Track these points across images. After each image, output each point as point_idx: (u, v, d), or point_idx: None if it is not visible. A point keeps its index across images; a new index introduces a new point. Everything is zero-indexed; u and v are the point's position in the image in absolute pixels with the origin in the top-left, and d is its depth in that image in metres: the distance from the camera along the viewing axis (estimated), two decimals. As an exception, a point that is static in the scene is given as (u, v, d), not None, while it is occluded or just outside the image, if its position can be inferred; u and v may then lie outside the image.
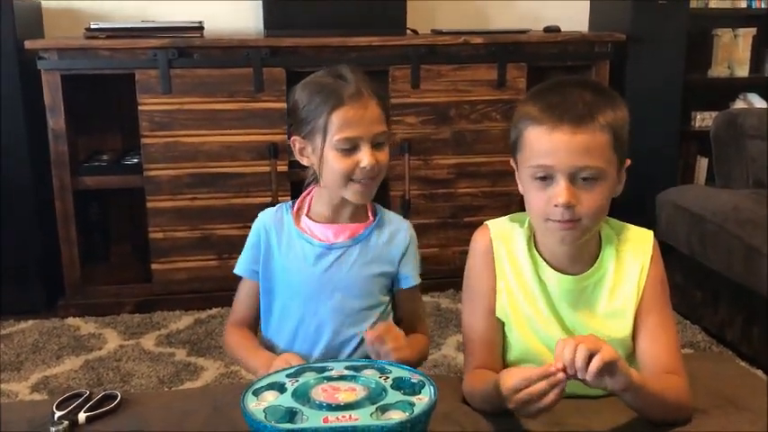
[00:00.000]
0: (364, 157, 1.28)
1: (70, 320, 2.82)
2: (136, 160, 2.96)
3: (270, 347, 1.40)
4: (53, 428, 1.08)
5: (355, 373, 1.01)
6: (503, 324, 1.24)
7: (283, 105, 2.85)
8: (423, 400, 0.93)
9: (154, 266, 2.94)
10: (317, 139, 1.30)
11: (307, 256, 1.36)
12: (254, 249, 1.40)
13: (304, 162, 1.35)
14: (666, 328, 1.20)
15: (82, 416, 1.11)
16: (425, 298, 3.00)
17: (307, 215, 1.39)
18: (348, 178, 1.30)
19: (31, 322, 2.80)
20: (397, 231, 1.39)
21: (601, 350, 0.98)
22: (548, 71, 3.20)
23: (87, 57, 2.79)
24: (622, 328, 1.21)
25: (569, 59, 3.09)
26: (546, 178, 1.12)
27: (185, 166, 2.88)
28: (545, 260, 1.22)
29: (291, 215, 1.39)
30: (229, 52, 2.85)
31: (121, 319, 2.83)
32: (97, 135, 3.18)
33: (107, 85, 3.06)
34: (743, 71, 3.58)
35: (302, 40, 2.88)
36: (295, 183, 2.96)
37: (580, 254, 1.21)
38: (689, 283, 2.63)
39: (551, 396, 0.99)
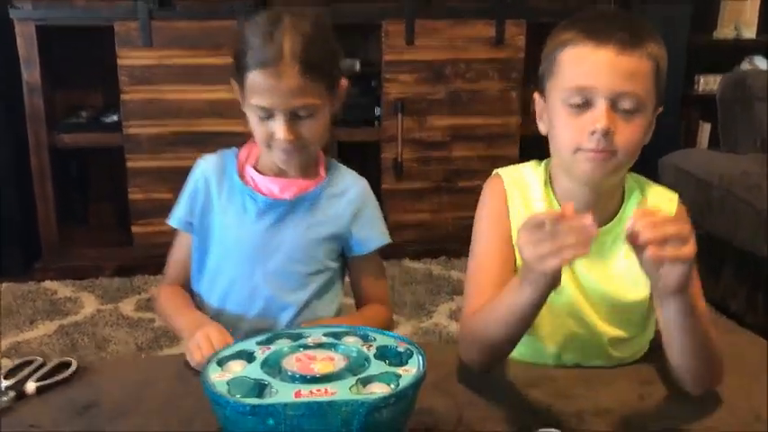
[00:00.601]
0: (278, 129, 1.13)
1: (47, 284, 2.71)
2: (115, 117, 2.82)
3: (200, 306, 1.27)
4: (-2, 399, 0.97)
5: (335, 341, 0.89)
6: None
7: (270, 61, 2.71)
8: (409, 371, 0.82)
9: (134, 229, 2.82)
10: (242, 92, 1.16)
11: (248, 212, 1.22)
12: (190, 199, 1.25)
13: (243, 108, 1.20)
14: (693, 291, 1.08)
15: (31, 385, 1.00)
16: (417, 264, 2.90)
17: (253, 166, 1.24)
18: (267, 146, 1.17)
19: (5, 285, 2.69)
20: (348, 190, 1.25)
21: (690, 241, 0.86)
22: (548, 29, 3.04)
23: (63, 6, 2.64)
24: (639, 291, 1.10)
25: (571, 16, 2.94)
26: (582, 104, 1.00)
27: (167, 124, 2.75)
28: None
29: (235, 164, 1.24)
30: (213, 3, 2.70)
31: (100, 283, 2.72)
32: (77, 91, 3.03)
33: (86, 38, 2.90)
34: (750, 33, 3.44)
35: (290, -9, 2.73)
36: (282, 143, 2.83)
37: (602, 203, 1.09)
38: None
39: (576, 247, 0.85)
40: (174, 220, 1.27)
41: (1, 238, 2.79)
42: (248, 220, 1.22)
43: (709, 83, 3.41)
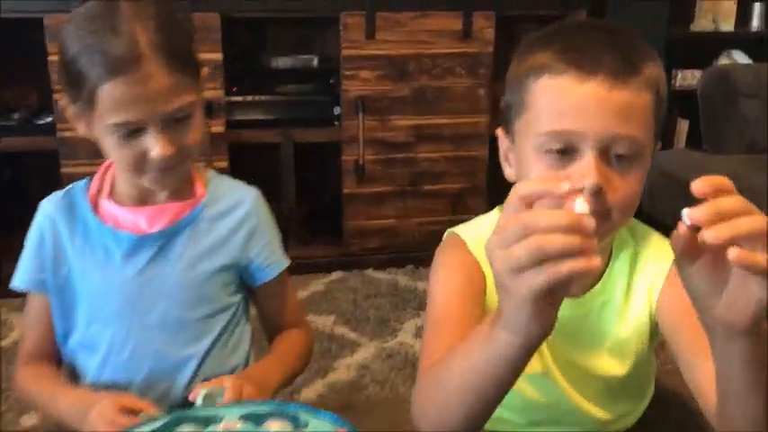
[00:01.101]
0: (153, 146, 0.90)
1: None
2: (49, 119, 2.58)
3: (75, 380, 1.03)
4: None
5: (255, 428, 0.69)
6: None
7: (218, 56, 2.49)
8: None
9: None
10: (88, 112, 0.91)
11: (111, 255, 0.99)
12: (37, 252, 1.01)
13: (81, 133, 0.96)
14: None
15: None
16: (381, 275, 2.70)
17: (109, 198, 1.01)
18: (139, 170, 0.93)
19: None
20: (236, 207, 1.04)
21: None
22: (518, 21, 2.86)
23: (-13, -3, 2.39)
24: (624, 363, 0.90)
25: (542, 8, 2.75)
26: (565, 152, 0.77)
27: (106, 127, 2.50)
28: None
29: (87, 199, 1.01)
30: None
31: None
32: (11, 90, 2.78)
33: (19, 32, 2.65)
34: (728, 25, 3.29)
35: (239, -20, 2.51)
36: (235, 146, 2.62)
37: None
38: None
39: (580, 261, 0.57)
40: (21, 281, 1.02)
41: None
42: (113, 265, 0.99)
43: (687, 78, 3.26)
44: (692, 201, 0.66)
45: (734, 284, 0.60)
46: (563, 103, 0.77)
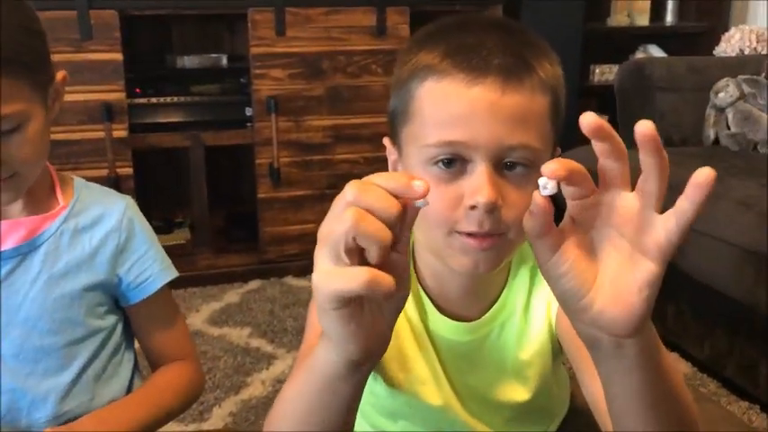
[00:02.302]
0: None
1: None
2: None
3: None
4: None
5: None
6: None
7: (118, 56, 2.34)
8: None
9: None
10: None
11: None
12: None
13: None
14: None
15: None
16: (302, 282, 2.60)
17: None
18: None
19: None
20: (102, 218, 0.94)
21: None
22: (433, 17, 2.79)
23: None
24: (527, 387, 0.83)
25: (458, 3, 2.69)
26: (453, 162, 0.69)
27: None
28: (431, 299, 0.81)
29: None
30: None
31: None
32: None
33: None
34: (643, 20, 3.31)
35: (139, -24, 2.36)
36: (139, 151, 2.47)
37: (486, 288, 0.81)
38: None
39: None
40: None
41: None
42: None
43: (604, 72, 3.27)
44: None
45: (612, 269, 0.52)
46: (450, 109, 0.69)
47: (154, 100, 2.48)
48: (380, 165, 2.56)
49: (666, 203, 0.52)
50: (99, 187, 0.98)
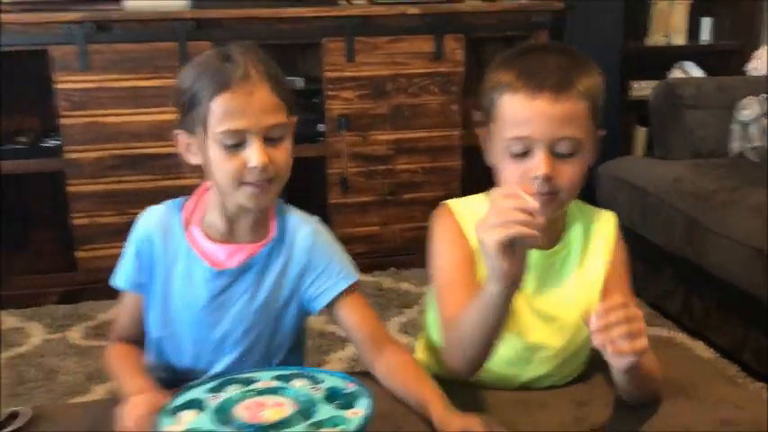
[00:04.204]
0: (252, 154, 1.06)
1: (-10, 314, 2.66)
2: (55, 142, 2.78)
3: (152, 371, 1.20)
4: (-53, 456, 0.96)
5: (284, 384, 0.92)
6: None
7: (212, 81, 2.70)
8: (357, 413, 0.85)
9: (78, 254, 2.78)
10: (199, 131, 1.09)
11: (192, 277, 1.16)
12: (137, 259, 1.18)
13: (192, 161, 1.13)
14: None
15: (-18, 440, 1.00)
16: (367, 278, 2.92)
17: (198, 226, 1.18)
18: (238, 181, 1.08)
19: (-54, 318, 2.63)
20: (294, 247, 1.17)
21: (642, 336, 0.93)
22: (486, 42, 3.12)
23: (-3, 32, 2.59)
24: (589, 307, 1.16)
25: (507, 30, 3.01)
26: (523, 153, 1.05)
27: (108, 148, 2.71)
28: None
29: (181, 221, 1.17)
30: (152, 25, 2.68)
31: (45, 311, 2.67)
32: (13, 116, 2.97)
33: (22, 63, 2.85)
34: (679, 39, 3.56)
35: (230, 11, 2.73)
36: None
37: (548, 230, 1.14)
38: (630, 255, 2.61)
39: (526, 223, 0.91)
40: (122, 281, 1.20)
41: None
42: (193, 286, 1.17)
43: (643, 88, 3.51)
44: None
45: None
46: (519, 114, 1.05)
47: (240, 118, 2.83)
48: (436, 174, 2.92)
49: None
50: (294, 211, 1.20)
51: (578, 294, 1.16)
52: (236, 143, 1.07)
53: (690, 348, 2.13)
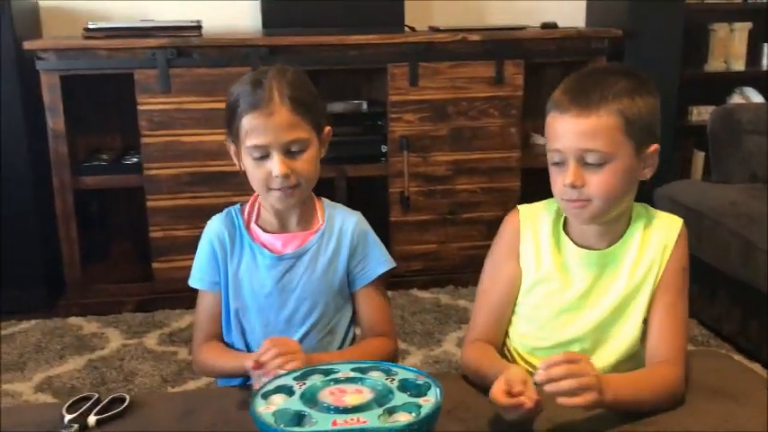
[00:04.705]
0: (274, 165, 1.24)
1: (72, 320, 2.84)
2: (135, 159, 2.97)
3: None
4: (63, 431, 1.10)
5: (362, 375, 1.02)
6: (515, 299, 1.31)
7: (282, 104, 2.85)
8: (429, 401, 0.95)
9: (155, 265, 2.95)
10: (237, 143, 1.29)
11: (258, 266, 1.34)
12: (211, 261, 1.36)
13: (238, 166, 1.33)
14: (675, 316, 1.23)
15: (92, 419, 1.13)
16: (425, 294, 3.02)
17: (256, 223, 1.37)
18: (266, 186, 1.28)
19: (33, 322, 2.82)
20: (343, 232, 1.36)
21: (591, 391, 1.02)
22: (545, 67, 3.21)
23: (86, 57, 2.79)
24: (638, 307, 1.24)
25: (566, 55, 3.10)
26: (560, 163, 1.18)
27: (185, 165, 2.89)
28: (571, 239, 1.27)
29: (242, 221, 1.36)
30: (228, 51, 2.85)
31: (123, 318, 2.85)
32: (96, 134, 3.19)
33: (106, 85, 3.06)
34: (739, 65, 3.59)
35: (301, 38, 2.89)
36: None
37: (608, 231, 1.25)
38: (687, 277, 2.65)
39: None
40: (198, 281, 1.37)
41: (28, 276, 2.93)
42: (259, 275, 1.34)
43: (702, 113, 3.55)
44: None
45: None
46: (553, 130, 1.18)
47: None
48: (494, 194, 3.03)
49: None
50: (339, 206, 1.39)
51: (629, 295, 1.24)
52: (262, 155, 1.26)
53: (741, 362, 2.16)
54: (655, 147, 1.20)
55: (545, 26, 3.20)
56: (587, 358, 1.08)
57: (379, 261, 1.38)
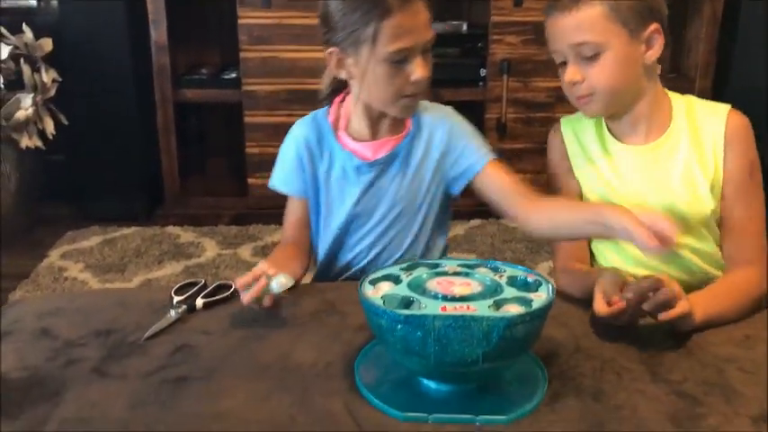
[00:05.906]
0: (416, 68, 1.17)
1: (170, 229, 2.93)
2: (234, 75, 2.99)
3: (324, 260, 1.38)
4: (172, 311, 1.12)
5: (469, 270, 1.00)
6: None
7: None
8: (540, 296, 0.92)
9: (250, 181, 2.99)
10: (362, 51, 1.17)
11: (347, 173, 1.30)
12: (298, 165, 1.31)
13: (342, 76, 1.24)
14: (751, 213, 1.21)
15: (200, 301, 1.16)
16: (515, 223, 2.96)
17: (345, 131, 1.30)
18: (399, 94, 1.20)
19: (133, 229, 2.92)
20: (434, 132, 1.29)
21: (680, 301, 1.01)
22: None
23: (190, -31, 2.80)
24: (698, 202, 1.20)
25: None
26: (563, 63, 1.19)
27: (283, 82, 2.89)
28: (615, 137, 1.26)
29: (330, 126, 1.31)
30: (329, -34, 2.80)
31: (219, 230, 2.92)
32: (197, 49, 3.22)
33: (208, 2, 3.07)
34: None
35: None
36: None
37: (648, 125, 1.23)
38: None
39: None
40: (285, 186, 1.34)
41: (128, 186, 3.03)
42: (349, 181, 1.30)
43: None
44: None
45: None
46: (548, 34, 1.20)
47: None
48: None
49: None
50: (427, 104, 1.31)
51: (686, 189, 1.20)
52: (402, 59, 1.18)
53: None
54: (654, 26, 1.17)
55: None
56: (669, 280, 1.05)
57: (478, 154, 1.28)
